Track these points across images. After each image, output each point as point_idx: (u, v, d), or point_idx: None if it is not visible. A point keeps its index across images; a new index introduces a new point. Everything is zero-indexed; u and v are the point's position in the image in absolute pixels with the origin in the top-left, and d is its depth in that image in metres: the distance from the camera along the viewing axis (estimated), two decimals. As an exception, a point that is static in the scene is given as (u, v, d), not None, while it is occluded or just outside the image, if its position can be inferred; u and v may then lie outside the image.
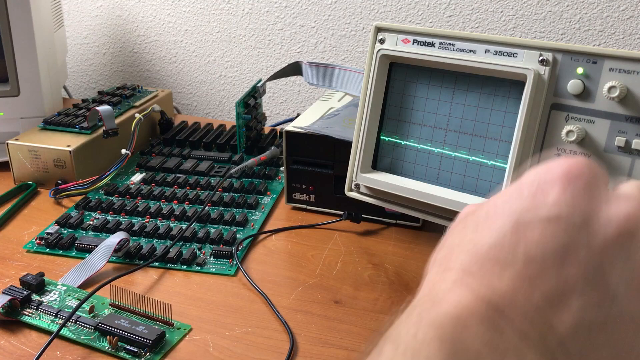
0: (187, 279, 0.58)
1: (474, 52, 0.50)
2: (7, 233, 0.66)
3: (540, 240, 0.29)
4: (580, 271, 0.28)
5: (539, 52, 0.46)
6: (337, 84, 0.71)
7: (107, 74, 1.20)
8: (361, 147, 0.57)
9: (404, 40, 0.53)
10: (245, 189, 0.73)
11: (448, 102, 0.52)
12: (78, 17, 1.16)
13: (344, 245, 0.63)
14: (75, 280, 0.56)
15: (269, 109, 1.11)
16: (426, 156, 0.54)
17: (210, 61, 1.11)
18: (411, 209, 0.55)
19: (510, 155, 0.48)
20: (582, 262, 0.28)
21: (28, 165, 0.75)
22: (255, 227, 0.66)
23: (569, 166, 0.31)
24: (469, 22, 0.94)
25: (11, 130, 0.83)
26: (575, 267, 0.28)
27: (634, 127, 0.44)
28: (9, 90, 0.83)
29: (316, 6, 1.01)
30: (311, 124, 0.68)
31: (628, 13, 0.87)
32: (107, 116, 0.76)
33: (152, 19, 1.12)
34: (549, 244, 0.29)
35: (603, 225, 0.29)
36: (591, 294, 0.28)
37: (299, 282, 0.57)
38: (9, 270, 0.59)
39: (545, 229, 0.29)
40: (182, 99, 1.16)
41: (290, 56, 1.06)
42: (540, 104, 0.47)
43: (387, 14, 0.98)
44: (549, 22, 0.91)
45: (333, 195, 0.68)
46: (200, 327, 0.51)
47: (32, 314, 0.52)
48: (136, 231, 0.64)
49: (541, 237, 0.29)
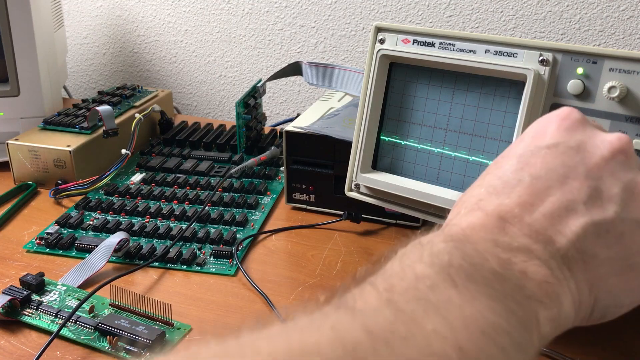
0: (187, 279, 0.58)
1: (474, 52, 0.50)
2: (7, 233, 0.66)
3: (543, 161, 0.33)
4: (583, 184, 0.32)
5: (539, 52, 0.46)
6: (337, 84, 0.71)
7: (107, 74, 1.20)
8: (361, 147, 0.57)
9: (404, 40, 0.53)
10: (245, 189, 0.73)
11: (448, 102, 0.52)
12: (78, 17, 1.16)
13: (344, 245, 0.63)
14: (75, 280, 0.56)
15: (269, 109, 1.11)
16: (426, 156, 0.54)
17: (210, 61, 1.11)
18: (411, 209, 0.55)
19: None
20: (582, 176, 0.32)
21: (28, 165, 0.75)
22: (255, 227, 0.66)
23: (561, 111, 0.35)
24: (469, 22, 0.94)
25: (11, 130, 0.83)
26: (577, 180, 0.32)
27: (634, 127, 0.44)
28: (9, 90, 0.83)
29: (316, 6, 1.01)
30: (311, 124, 0.68)
31: (628, 13, 0.87)
32: (107, 116, 0.76)
33: (152, 19, 1.12)
34: (550, 164, 0.33)
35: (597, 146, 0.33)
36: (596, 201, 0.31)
37: (299, 282, 0.57)
38: (9, 270, 0.59)
39: (546, 154, 0.33)
40: (182, 99, 1.16)
41: (290, 56, 1.06)
42: (540, 104, 0.47)
43: (387, 14, 0.98)
44: (549, 22, 0.91)
45: (333, 195, 0.68)
46: (200, 327, 0.51)
47: (32, 314, 0.51)
48: (136, 231, 0.64)
49: (544, 160, 0.33)
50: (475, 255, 0.28)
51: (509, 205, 0.31)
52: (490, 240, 0.30)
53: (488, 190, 0.33)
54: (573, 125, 0.34)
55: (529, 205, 0.31)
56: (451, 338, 0.24)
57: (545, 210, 0.31)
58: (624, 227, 0.31)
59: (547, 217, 0.31)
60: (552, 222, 0.31)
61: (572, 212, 0.31)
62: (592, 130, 0.34)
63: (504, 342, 0.26)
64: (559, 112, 0.35)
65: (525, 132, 0.36)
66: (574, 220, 0.31)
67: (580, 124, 0.35)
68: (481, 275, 0.27)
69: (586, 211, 0.31)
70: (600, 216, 0.31)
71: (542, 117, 0.36)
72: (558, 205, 0.31)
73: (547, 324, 0.28)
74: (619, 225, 0.31)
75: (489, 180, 0.33)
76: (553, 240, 0.30)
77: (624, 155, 0.33)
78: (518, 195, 0.32)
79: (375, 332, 0.24)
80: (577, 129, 0.34)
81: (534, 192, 0.32)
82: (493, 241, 0.30)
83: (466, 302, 0.26)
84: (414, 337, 0.24)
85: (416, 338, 0.24)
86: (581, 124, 0.35)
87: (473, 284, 0.27)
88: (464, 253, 0.28)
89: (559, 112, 0.35)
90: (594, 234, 0.31)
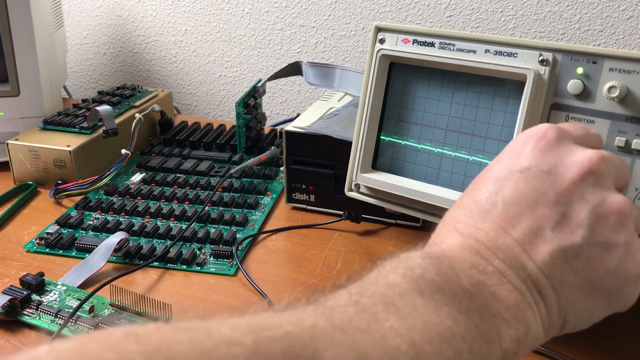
0: (187, 279, 0.58)
1: (474, 52, 0.50)
2: (7, 233, 0.66)
3: (515, 187, 0.34)
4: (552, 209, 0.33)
5: (539, 52, 0.46)
6: (337, 84, 0.71)
7: (107, 74, 1.20)
8: (361, 147, 0.57)
9: (404, 40, 0.53)
10: (245, 189, 0.73)
11: (448, 102, 0.52)
12: (78, 17, 1.16)
13: (344, 245, 0.63)
14: (75, 280, 0.56)
15: (269, 109, 1.11)
16: (426, 156, 0.54)
17: (210, 61, 1.11)
18: (411, 209, 0.55)
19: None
20: (552, 202, 0.33)
21: (28, 165, 0.75)
22: (255, 227, 0.66)
23: (538, 129, 0.36)
24: (469, 22, 0.94)
25: (11, 130, 0.83)
26: (547, 206, 0.33)
27: (634, 127, 0.44)
28: (9, 90, 0.83)
29: (316, 6, 1.01)
30: (311, 124, 0.68)
31: (628, 13, 0.87)
32: (107, 116, 0.76)
33: (152, 19, 1.12)
34: (522, 189, 0.33)
35: (567, 168, 0.34)
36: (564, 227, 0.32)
37: (299, 282, 0.57)
38: (9, 270, 0.59)
39: (519, 179, 0.34)
40: (182, 99, 1.16)
41: (290, 56, 1.06)
42: (540, 104, 0.47)
43: (387, 14, 0.98)
44: (549, 22, 0.91)
45: (333, 195, 0.68)
46: (200, 327, 0.51)
47: (32, 314, 0.52)
48: (136, 231, 0.64)
49: (515, 185, 0.34)
50: (450, 273, 0.29)
51: (484, 230, 0.32)
52: (466, 261, 0.31)
53: (465, 213, 0.34)
54: (547, 146, 0.35)
55: (502, 230, 0.32)
56: (406, 335, 0.26)
57: (517, 236, 0.32)
58: (591, 251, 0.32)
59: (519, 243, 0.32)
60: (524, 248, 0.32)
61: (541, 238, 0.32)
62: (565, 150, 0.35)
63: (460, 347, 0.27)
64: (536, 131, 0.36)
65: (504, 150, 0.36)
66: (542, 247, 0.32)
67: (555, 143, 0.35)
68: (451, 289, 0.29)
69: (554, 237, 0.32)
70: (568, 242, 0.32)
71: (520, 135, 0.37)
72: (528, 232, 0.32)
73: (510, 341, 0.29)
74: (587, 250, 0.32)
75: (467, 203, 0.34)
76: (524, 265, 0.31)
77: (593, 176, 0.34)
78: (492, 220, 0.33)
79: (335, 323, 0.26)
80: (550, 149, 0.35)
81: (507, 217, 0.33)
82: (469, 263, 0.31)
83: (429, 310, 0.27)
84: (370, 330, 0.26)
85: (372, 331, 0.26)
86: (556, 144, 0.35)
87: (440, 296, 0.28)
88: (438, 270, 0.29)
89: (536, 130, 0.36)
90: (562, 260, 0.32)
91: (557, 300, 0.32)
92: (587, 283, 0.32)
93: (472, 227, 0.33)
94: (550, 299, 0.31)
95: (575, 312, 0.33)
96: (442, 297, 0.28)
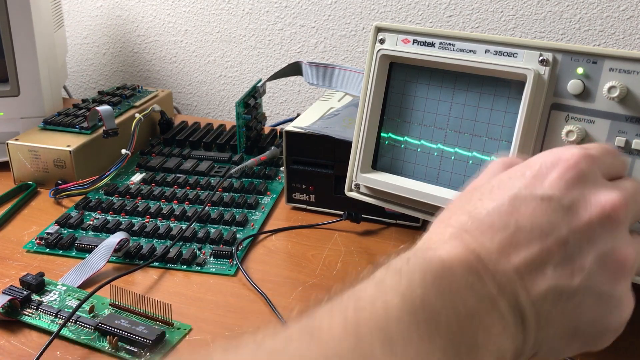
0: (187, 279, 0.58)
1: (474, 52, 0.50)
2: (7, 233, 0.66)
3: (532, 214, 0.32)
4: (560, 247, 0.32)
5: (539, 52, 0.46)
6: (337, 84, 0.71)
7: (107, 74, 1.20)
8: (361, 147, 0.57)
9: (404, 40, 0.53)
10: (245, 189, 0.73)
11: (448, 102, 0.52)
12: (78, 17, 1.16)
13: (344, 245, 0.63)
14: (75, 280, 0.56)
15: (269, 109, 1.11)
16: (426, 156, 0.54)
17: (210, 61, 1.11)
18: (411, 209, 0.55)
19: (510, 156, 0.48)
20: (563, 239, 0.32)
21: (28, 165, 0.75)
22: (255, 227, 0.66)
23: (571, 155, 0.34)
24: (469, 22, 0.94)
25: (11, 130, 0.83)
26: (557, 242, 0.32)
27: (634, 127, 0.44)
28: (9, 90, 0.83)
29: (316, 6, 1.01)
30: (311, 124, 0.68)
31: (628, 13, 0.87)
32: (107, 116, 0.76)
33: (152, 19, 1.12)
34: (538, 218, 0.32)
35: (588, 210, 0.33)
36: (566, 267, 0.32)
37: (299, 282, 0.57)
38: (9, 270, 0.59)
39: (538, 206, 0.33)
40: (182, 99, 1.16)
41: (290, 56, 1.06)
42: (540, 104, 0.47)
43: (387, 14, 0.98)
44: (549, 22, 0.91)
45: (333, 195, 0.68)
46: (200, 327, 0.51)
47: (32, 314, 0.52)
48: (136, 231, 0.64)
49: (533, 212, 0.32)
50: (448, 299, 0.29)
51: (489, 249, 0.32)
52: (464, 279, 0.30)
53: (474, 223, 0.33)
54: (574, 178, 0.33)
55: (507, 254, 0.32)
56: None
57: (519, 263, 0.31)
58: (583, 298, 0.32)
59: (519, 271, 0.31)
60: (521, 277, 0.31)
61: (541, 273, 0.31)
62: (591, 187, 0.33)
63: None
64: (567, 157, 0.34)
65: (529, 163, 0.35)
66: (540, 282, 0.31)
67: (582, 176, 0.33)
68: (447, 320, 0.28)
69: (554, 275, 0.31)
70: (565, 283, 0.31)
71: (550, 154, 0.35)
72: (530, 262, 0.31)
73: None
74: (580, 296, 0.32)
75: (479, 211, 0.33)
76: (517, 295, 0.31)
77: (610, 222, 0.32)
78: (499, 241, 0.32)
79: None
80: (577, 184, 0.33)
81: (514, 242, 0.32)
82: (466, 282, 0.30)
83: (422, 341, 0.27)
84: None
85: None
86: (583, 177, 0.33)
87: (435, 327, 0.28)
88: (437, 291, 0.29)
89: (568, 155, 0.34)
90: (555, 299, 0.31)
91: (536, 335, 0.32)
92: (570, 326, 0.32)
93: (478, 243, 0.32)
94: (530, 333, 0.31)
95: (549, 348, 0.33)
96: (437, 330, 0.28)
